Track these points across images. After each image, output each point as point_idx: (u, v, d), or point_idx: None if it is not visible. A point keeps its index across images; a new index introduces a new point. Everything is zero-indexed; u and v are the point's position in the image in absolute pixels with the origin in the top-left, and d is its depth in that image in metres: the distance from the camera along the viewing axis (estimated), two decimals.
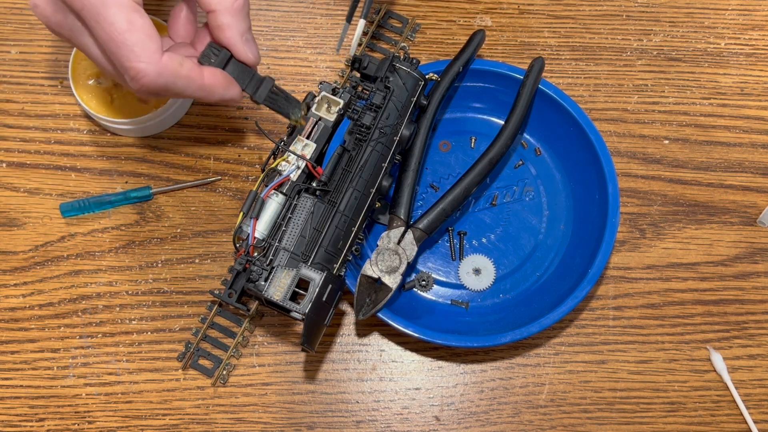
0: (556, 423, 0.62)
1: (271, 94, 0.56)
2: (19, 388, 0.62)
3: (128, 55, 0.48)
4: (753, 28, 0.74)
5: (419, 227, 0.60)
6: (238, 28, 0.52)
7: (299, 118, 0.57)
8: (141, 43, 0.47)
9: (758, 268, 0.66)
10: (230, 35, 0.52)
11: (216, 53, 0.52)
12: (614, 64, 0.72)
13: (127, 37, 0.47)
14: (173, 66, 0.49)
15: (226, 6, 0.51)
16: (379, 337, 0.64)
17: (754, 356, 0.64)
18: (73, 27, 0.50)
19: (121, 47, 0.47)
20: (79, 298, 0.64)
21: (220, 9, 0.51)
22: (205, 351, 0.62)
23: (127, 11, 0.47)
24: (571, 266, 0.63)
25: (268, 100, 0.56)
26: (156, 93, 0.51)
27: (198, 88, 0.51)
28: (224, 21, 0.51)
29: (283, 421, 0.62)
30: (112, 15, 0.47)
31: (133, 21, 0.47)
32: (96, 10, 0.47)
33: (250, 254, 0.54)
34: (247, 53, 0.53)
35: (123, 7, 0.47)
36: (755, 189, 0.69)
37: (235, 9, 0.51)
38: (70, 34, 0.50)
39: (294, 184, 0.56)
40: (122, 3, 0.47)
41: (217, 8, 0.51)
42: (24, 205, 0.66)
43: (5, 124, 0.68)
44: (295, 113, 0.57)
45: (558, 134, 0.66)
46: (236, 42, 0.52)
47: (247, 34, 0.53)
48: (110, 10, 0.47)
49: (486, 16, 0.73)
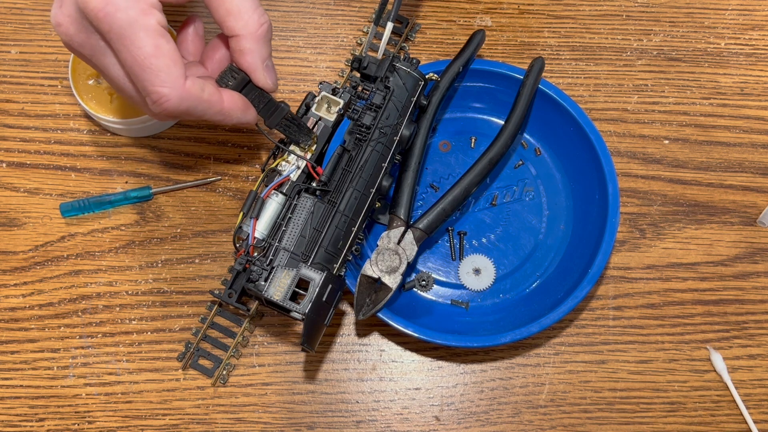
0: (556, 423, 0.62)
1: (284, 121, 0.56)
2: (19, 388, 0.62)
3: (153, 80, 0.48)
4: (753, 28, 0.74)
5: (419, 227, 0.60)
6: (260, 55, 0.52)
7: (309, 147, 0.57)
8: (166, 68, 0.48)
9: (758, 268, 0.66)
10: (252, 61, 0.52)
11: (235, 76, 0.52)
12: (614, 64, 0.72)
13: (153, 61, 0.47)
14: (196, 91, 0.49)
15: (251, 32, 0.51)
16: (379, 337, 0.64)
17: (754, 356, 0.64)
18: (96, 47, 0.50)
19: (147, 71, 0.48)
20: (79, 298, 0.64)
21: (244, 34, 0.51)
22: (205, 351, 0.62)
23: (155, 35, 0.47)
24: (571, 266, 0.63)
25: (281, 126, 0.56)
26: (176, 116, 0.51)
27: (217, 112, 0.52)
28: (247, 46, 0.51)
29: (283, 421, 0.62)
30: (140, 39, 0.47)
31: (160, 46, 0.47)
32: (123, 32, 0.47)
33: (250, 254, 0.54)
34: (266, 80, 0.53)
35: (151, 32, 0.47)
36: (755, 189, 0.69)
37: (259, 36, 0.51)
38: (91, 54, 0.50)
39: (294, 184, 0.56)
40: (150, 27, 0.47)
41: (241, 33, 0.51)
42: (24, 205, 0.66)
43: (5, 124, 0.68)
44: (305, 141, 0.57)
45: (558, 134, 0.66)
46: (257, 68, 0.52)
47: (268, 60, 0.53)
48: (138, 33, 0.47)
49: (486, 16, 0.73)
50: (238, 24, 0.51)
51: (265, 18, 0.52)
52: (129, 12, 0.47)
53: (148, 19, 0.47)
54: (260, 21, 0.51)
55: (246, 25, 0.51)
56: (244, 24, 0.51)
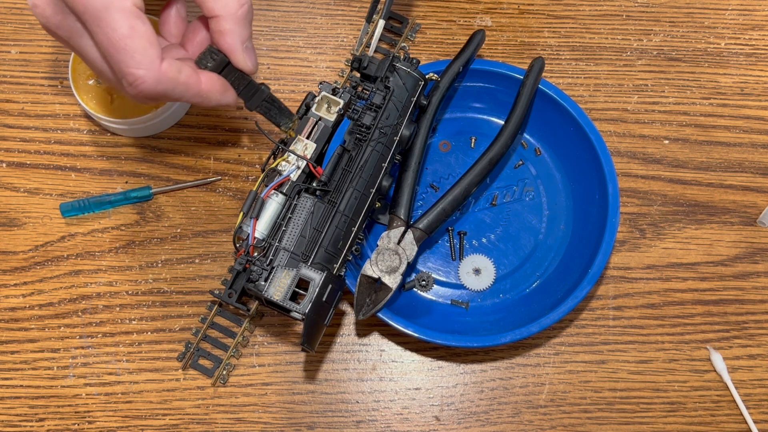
0: (556, 423, 0.62)
1: (263, 103, 0.55)
2: (19, 388, 0.62)
3: (128, 61, 0.47)
4: (753, 28, 0.74)
5: (419, 227, 0.60)
6: (240, 36, 0.52)
7: (289, 129, 0.57)
8: (142, 49, 0.47)
9: (758, 268, 0.66)
10: (231, 42, 0.52)
11: (214, 57, 0.52)
12: (614, 64, 0.72)
13: (128, 42, 0.47)
14: (172, 73, 0.49)
15: (231, 12, 0.51)
16: (379, 337, 0.64)
17: (754, 356, 0.64)
18: (72, 29, 0.49)
19: (122, 52, 0.47)
20: (79, 298, 0.64)
21: (223, 15, 0.51)
22: (205, 351, 0.62)
23: (130, 17, 0.47)
24: (571, 266, 0.63)
25: (261, 108, 0.56)
26: (153, 99, 0.50)
27: (195, 94, 0.51)
28: (226, 27, 0.51)
29: (283, 421, 0.62)
30: (115, 20, 0.46)
31: (135, 27, 0.47)
32: (98, 14, 0.46)
33: (250, 254, 0.54)
34: (246, 61, 0.53)
35: (126, 13, 0.47)
36: (755, 189, 0.69)
37: (239, 16, 0.51)
38: (68, 36, 0.50)
39: (294, 184, 0.56)
40: (125, 8, 0.47)
41: (221, 14, 0.51)
42: (24, 205, 0.66)
43: (5, 124, 0.68)
44: (285, 123, 0.57)
45: (558, 134, 0.66)
46: (236, 49, 0.52)
47: (248, 42, 0.52)
48: (113, 14, 0.46)
49: (486, 16, 0.73)
50: (217, 5, 0.50)
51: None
52: None
53: (124, 0, 0.47)
54: (240, 1, 0.50)
55: (226, 5, 0.50)
56: (224, 5, 0.50)
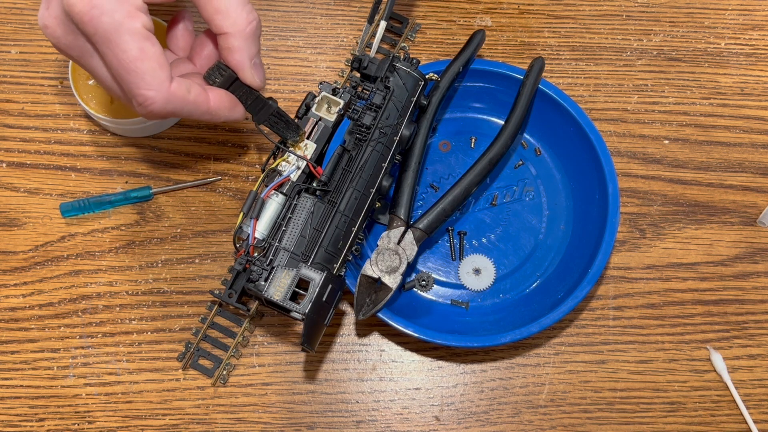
0: (556, 423, 0.62)
1: (271, 117, 0.56)
2: (19, 388, 0.62)
3: (138, 82, 0.48)
4: (753, 28, 0.74)
5: (419, 227, 0.60)
6: (248, 52, 0.52)
7: (296, 143, 0.57)
8: (151, 71, 0.48)
9: (758, 268, 0.66)
10: (240, 59, 0.52)
11: (222, 73, 0.52)
12: (614, 64, 0.72)
13: (138, 65, 0.47)
14: (181, 93, 0.49)
15: (239, 30, 0.51)
16: (379, 337, 0.64)
17: (754, 356, 0.64)
18: (83, 49, 0.50)
19: (132, 74, 0.48)
20: (79, 298, 0.64)
21: (232, 32, 0.51)
22: (205, 351, 0.62)
23: (140, 39, 0.47)
24: (571, 266, 0.63)
25: (268, 122, 0.56)
26: (163, 117, 0.51)
27: (204, 111, 0.52)
28: (235, 44, 0.51)
29: (283, 421, 0.62)
30: (125, 42, 0.47)
31: (145, 49, 0.47)
32: (108, 36, 0.47)
33: (250, 254, 0.54)
34: (254, 78, 0.53)
35: (135, 35, 0.47)
36: (755, 189, 0.69)
37: (247, 33, 0.51)
38: (79, 56, 0.50)
39: (294, 184, 0.56)
40: (135, 30, 0.47)
41: (229, 31, 0.51)
42: (24, 205, 0.66)
43: (5, 124, 0.68)
44: (292, 137, 0.57)
45: (558, 134, 0.66)
46: (245, 66, 0.52)
47: (256, 58, 0.53)
48: (123, 37, 0.47)
49: (486, 16, 0.73)
50: (226, 22, 0.50)
51: (254, 15, 0.51)
52: (114, 15, 0.46)
53: (134, 22, 0.47)
54: (248, 19, 0.51)
55: (234, 23, 0.50)
56: (233, 22, 0.50)
